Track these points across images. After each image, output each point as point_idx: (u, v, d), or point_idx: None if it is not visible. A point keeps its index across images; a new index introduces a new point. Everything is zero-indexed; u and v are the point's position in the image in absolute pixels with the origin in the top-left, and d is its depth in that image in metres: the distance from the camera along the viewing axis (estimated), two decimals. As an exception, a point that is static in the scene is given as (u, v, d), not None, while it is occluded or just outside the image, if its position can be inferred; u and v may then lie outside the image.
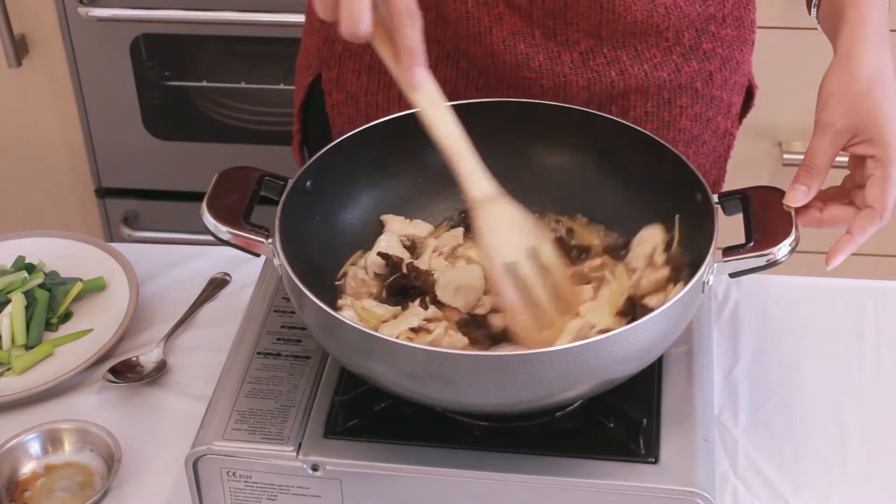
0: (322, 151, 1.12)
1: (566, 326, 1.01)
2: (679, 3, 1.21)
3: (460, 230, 1.17)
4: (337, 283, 1.13)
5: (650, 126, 1.28)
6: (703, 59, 1.27)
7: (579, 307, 1.05)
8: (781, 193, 1.06)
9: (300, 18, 2.01)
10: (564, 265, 1.06)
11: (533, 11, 1.18)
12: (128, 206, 2.36)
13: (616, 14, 1.18)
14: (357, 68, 1.31)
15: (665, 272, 1.07)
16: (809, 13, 1.18)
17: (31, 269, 1.33)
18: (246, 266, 1.35)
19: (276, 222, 1.04)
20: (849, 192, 1.07)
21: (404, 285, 1.10)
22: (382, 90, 1.30)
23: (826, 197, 1.07)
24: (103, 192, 2.36)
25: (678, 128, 1.29)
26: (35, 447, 1.13)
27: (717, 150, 1.37)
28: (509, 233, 1.02)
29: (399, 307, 1.08)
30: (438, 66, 1.25)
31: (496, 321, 1.06)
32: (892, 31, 1.11)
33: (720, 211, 1.08)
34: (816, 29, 1.18)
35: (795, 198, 1.04)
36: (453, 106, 1.17)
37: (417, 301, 1.07)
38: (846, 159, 1.07)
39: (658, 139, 1.12)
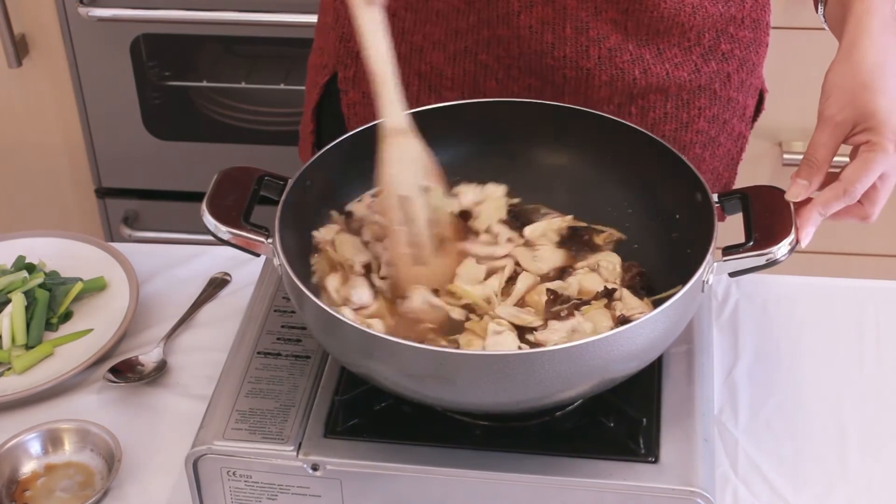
0: (322, 151, 1.12)
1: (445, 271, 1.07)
2: (705, 3, 1.22)
3: None
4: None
5: (669, 127, 1.28)
6: (721, 61, 1.27)
7: (459, 253, 1.10)
8: (781, 193, 1.06)
9: (301, 18, 2.03)
10: (450, 214, 1.11)
11: (568, 2, 1.18)
12: (128, 206, 2.36)
13: (644, 6, 1.19)
14: None
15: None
16: (816, 11, 1.18)
17: (31, 268, 1.33)
18: (246, 266, 1.35)
19: (276, 222, 1.04)
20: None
21: None
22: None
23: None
24: (103, 192, 2.36)
25: (696, 129, 1.29)
26: (35, 447, 1.13)
27: (731, 152, 1.37)
28: (410, 167, 1.06)
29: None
30: (457, 58, 1.25)
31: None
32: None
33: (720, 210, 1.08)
34: (817, 29, 1.18)
35: (796, 192, 1.04)
36: (454, 106, 1.18)
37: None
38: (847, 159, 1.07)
39: (658, 139, 1.12)
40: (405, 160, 1.06)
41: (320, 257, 1.11)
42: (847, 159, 1.06)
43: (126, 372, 1.22)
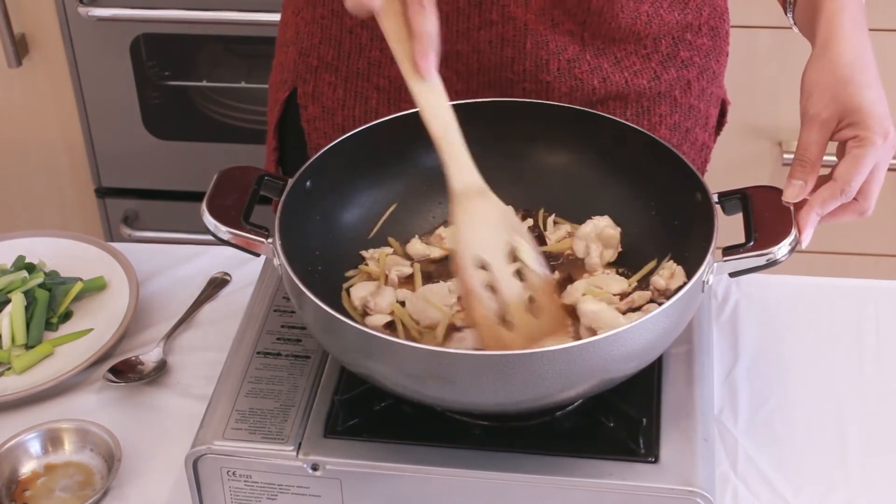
0: (322, 152, 1.12)
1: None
2: (660, 11, 1.23)
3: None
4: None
5: None
6: (681, 67, 1.28)
7: (560, 320, 1.04)
8: (781, 193, 1.06)
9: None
10: (549, 276, 1.05)
11: (528, 18, 1.18)
12: (128, 206, 2.37)
13: (602, 18, 1.19)
14: (333, 81, 1.30)
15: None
16: (786, 14, 1.19)
17: (31, 268, 1.33)
18: (246, 266, 1.35)
19: (276, 222, 1.04)
20: None
21: None
22: (360, 103, 1.29)
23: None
24: (103, 192, 2.36)
25: (658, 137, 1.29)
26: (35, 447, 1.13)
27: (695, 162, 1.36)
28: (487, 231, 1.01)
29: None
30: None
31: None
32: (882, 30, 1.11)
33: (720, 210, 1.08)
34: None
35: (793, 193, 1.04)
36: (451, 107, 1.17)
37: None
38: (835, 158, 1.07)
39: (658, 139, 1.12)
40: (481, 224, 1.00)
41: (358, 271, 1.13)
42: (834, 157, 1.07)
43: (126, 372, 1.23)
